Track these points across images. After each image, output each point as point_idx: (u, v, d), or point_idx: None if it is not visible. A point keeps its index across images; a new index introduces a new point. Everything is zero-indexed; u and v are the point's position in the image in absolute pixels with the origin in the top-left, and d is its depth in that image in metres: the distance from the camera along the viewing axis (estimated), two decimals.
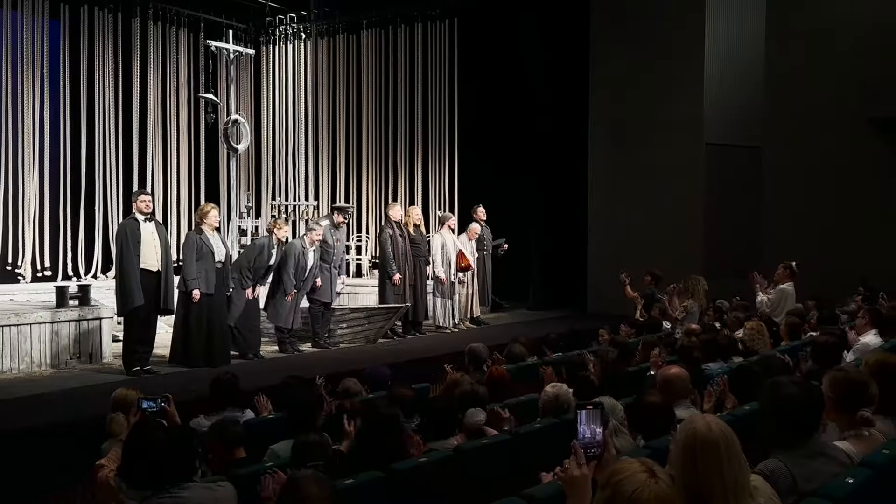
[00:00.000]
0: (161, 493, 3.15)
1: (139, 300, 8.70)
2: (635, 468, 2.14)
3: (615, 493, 2.11)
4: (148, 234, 8.87)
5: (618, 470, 2.18)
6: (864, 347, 6.95)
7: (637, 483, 2.09)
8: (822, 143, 14.63)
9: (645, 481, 2.09)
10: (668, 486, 2.08)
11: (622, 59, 14.66)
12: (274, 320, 10.42)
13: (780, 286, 10.52)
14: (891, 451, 3.05)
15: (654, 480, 2.08)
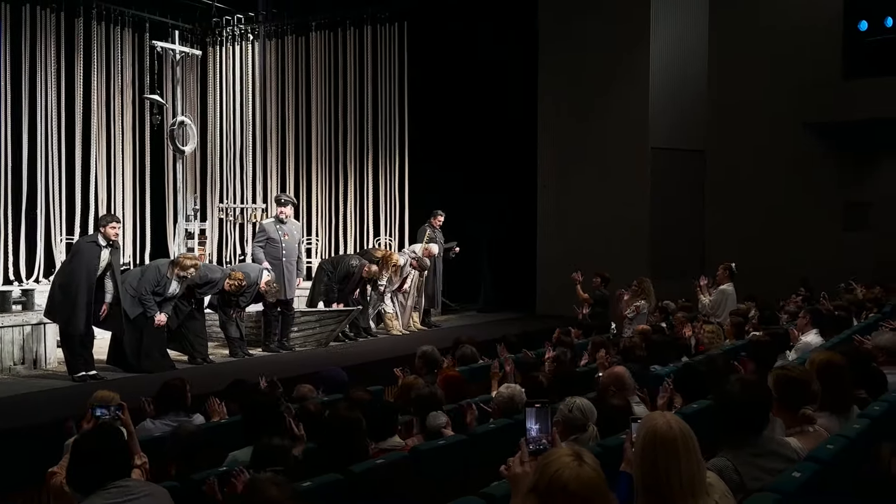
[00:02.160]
0: (106, 487, 3.25)
1: (79, 330, 8.57)
2: (563, 453, 2.22)
3: (542, 474, 2.18)
4: (103, 262, 8.73)
5: (548, 454, 2.26)
6: (805, 346, 7.16)
7: (560, 465, 2.16)
8: (762, 146, 15.06)
9: (568, 463, 2.15)
10: (591, 471, 2.13)
11: (569, 64, 14.85)
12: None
13: (720, 287, 10.78)
14: (835, 446, 3.17)
15: (577, 464, 2.14)
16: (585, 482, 2.12)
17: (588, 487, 2.12)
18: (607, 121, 14.50)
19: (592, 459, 2.18)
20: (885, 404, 4.08)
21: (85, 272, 8.59)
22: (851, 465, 3.39)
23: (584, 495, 2.12)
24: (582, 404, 4.32)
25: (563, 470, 2.15)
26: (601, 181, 14.51)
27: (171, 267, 9.39)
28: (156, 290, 9.21)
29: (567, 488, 2.12)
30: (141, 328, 9.11)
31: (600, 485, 2.14)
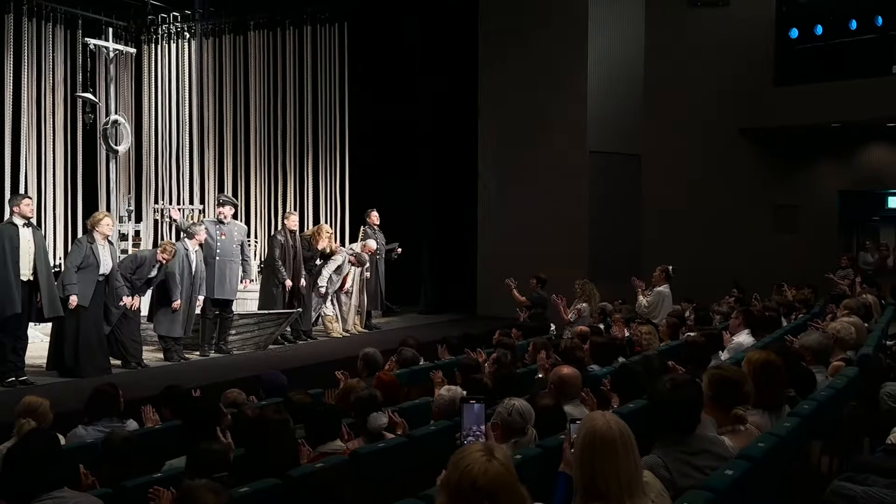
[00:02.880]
0: (40, 499, 3.17)
1: (16, 308, 8.29)
2: (475, 449, 2.24)
3: (453, 469, 2.20)
4: (25, 242, 8.45)
5: (461, 451, 2.27)
6: (737, 347, 7.33)
7: (470, 461, 2.17)
8: (697, 151, 15.41)
9: (478, 459, 2.17)
10: (500, 467, 2.15)
11: (509, 66, 14.95)
12: (160, 331, 10.11)
13: (657, 289, 10.98)
14: (766, 444, 3.24)
15: (487, 459, 2.16)
16: (493, 477, 2.13)
17: (496, 483, 2.13)
18: (546, 124, 14.64)
19: (504, 456, 2.19)
20: (814, 403, 4.20)
21: (9, 255, 8.24)
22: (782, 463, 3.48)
23: (491, 490, 2.13)
24: (521, 407, 4.33)
25: (472, 466, 2.16)
26: (540, 184, 14.63)
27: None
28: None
29: (476, 484, 2.13)
30: (86, 326, 8.92)
31: (509, 480, 2.15)
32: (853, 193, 16.09)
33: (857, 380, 5.35)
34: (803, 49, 15.58)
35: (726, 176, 15.57)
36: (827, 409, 4.38)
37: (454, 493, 2.17)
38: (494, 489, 2.13)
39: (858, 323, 6.46)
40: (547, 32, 14.63)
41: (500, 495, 2.13)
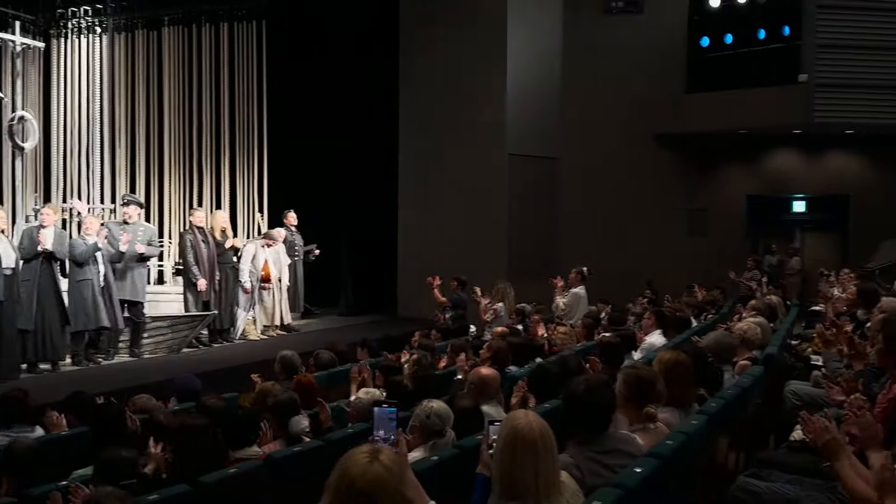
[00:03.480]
0: None
1: None
2: (360, 450, 2.24)
3: (336, 470, 2.21)
4: None
5: (348, 452, 2.27)
6: (650, 347, 7.50)
7: (352, 462, 2.18)
8: (612, 155, 15.76)
9: (359, 461, 2.18)
10: (382, 469, 2.15)
11: (429, 68, 15.00)
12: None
13: (573, 290, 11.16)
14: (675, 442, 3.33)
15: (369, 461, 2.17)
16: (371, 480, 2.13)
17: (374, 485, 2.12)
18: (466, 127, 14.73)
19: (389, 459, 2.19)
20: (721, 401, 4.33)
21: None
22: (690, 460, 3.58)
23: (368, 492, 2.13)
24: (439, 409, 4.34)
25: (352, 467, 2.17)
26: (461, 185, 14.72)
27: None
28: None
29: (354, 485, 2.13)
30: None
31: (389, 483, 2.15)
32: (760, 198, 16.68)
33: (762, 378, 5.53)
34: (714, 57, 16.08)
35: (640, 180, 15.97)
36: (734, 407, 4.52)
37: (335, 494, 2.17)
38: (372, 491, 2.13)
39: (764, 323, 6.69)
40: (466, 35, 14.72)
41: (378, 498, 2.13)
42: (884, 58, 14.15)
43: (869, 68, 14.16)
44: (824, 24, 14.29)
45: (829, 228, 16.79)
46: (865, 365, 5.14)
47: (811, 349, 7.70)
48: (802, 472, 3.68)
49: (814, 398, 5.55)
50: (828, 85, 14.27)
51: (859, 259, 15.22)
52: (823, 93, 14.28)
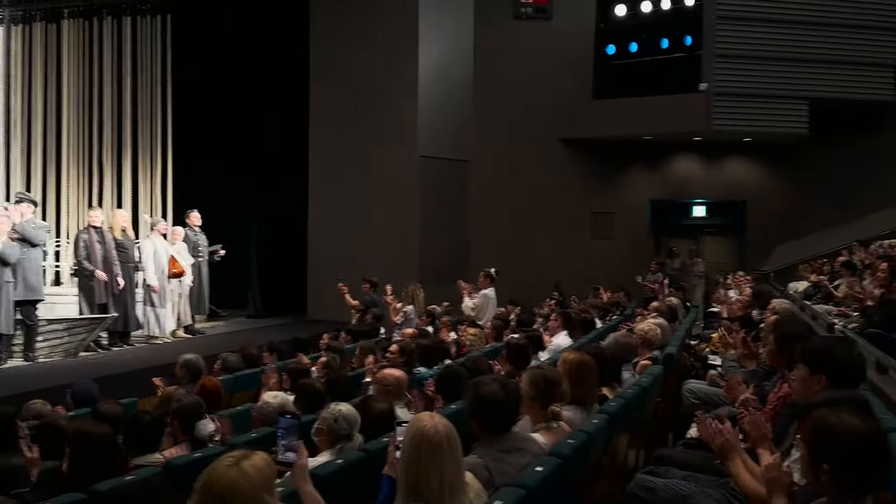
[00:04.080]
0: None
1: None
2: (229, 455, 2.28)
3: (204, 471, 2.25)
4: None
5: (221, 456, 2.30)
6: (556, 347, 7.62)
7: (216, 465, 2.23)
8: (521, 159, 15.99)
9: (220, 464, 2.22)
10: (239, 475, 2.19)
11: (340, 69, 14.89)
12: None
13: (482, 291, 11.26)
14: (576, 441, 3.40)
15: (229, 466, 2.20)
16: (227, 484, 2.17)
17: (229, 490, 2.17)
18: (378, 128, 14.70)
19: (253, 466, 2.21)
20: (621, 400, 4.44)
21: None
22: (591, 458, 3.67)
23: (222, 496, 2.18)
24: (347, 413, 4.30)
25: (213, 471, 2.21)
26: (372, 186, 14.67)
27: None
28: None
29: (210, 489, 2.18)
30: None
31: (243, 489, 2.18)
32: (663, 202, 17.19)
33: (661, 378, 5.70)
34: (619, 64, 16.51)
35: (549, 183, 16.26)
36: (634, 406, 4.64)
37: (197, 495, 2.21)
38: (225, 495, 2.17)
39: (664, 324, 6.88)
40: (378, 38, 14.70)
41: (231, 502, 2.16)
42: (780, 68, 14.77)
43: (766, 78, 14.77)
44: (724, 34, 14.83)
45: (728, 232, 17.43)
46: (758, 365, 5.35)
47: (709, 349, 7.97)
48: (697, 469, 3.81)
49: (710, 397, 5.75)
50: (726, 94, 14.82)
51: (756, 262, 15.88)
52: (722, 101, 14.82)
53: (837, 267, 10.82)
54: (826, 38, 14.78)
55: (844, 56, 14.79)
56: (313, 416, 4.48)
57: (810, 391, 3.28)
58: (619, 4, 16.36)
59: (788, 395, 3.80)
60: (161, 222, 12.22)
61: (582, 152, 16.54)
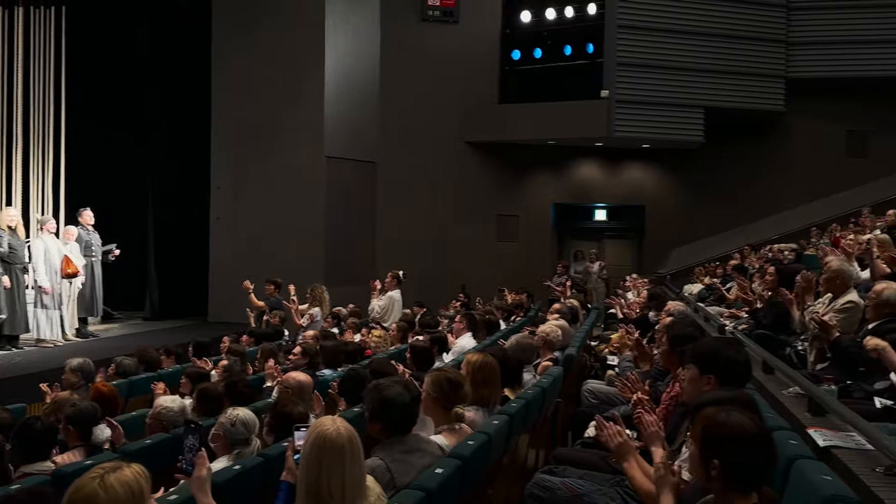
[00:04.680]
0: None
1: None
2: (99, 467, 2.24)
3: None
4: None
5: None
6: (460, 349, 7.68)
7: (80, 478, 2.20)
8: (429, 161, 16.06)
9: (86, 475, 2.19)
10: (99, 487, 2.16)
11: (244, 67, 14.64)
12: None
13: (389, 293, 11.26)
14: (476, 442, 3.43)
15: (92, 478, 2.18)
16: (84, 497, 2.16)
17: (86, 501, 2.15)
18: (283, 128, 14.51)
19: (117, 480, 2.19)
20: (522, 401, 4.51)
21: None
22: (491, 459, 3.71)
23: None
24: (245, 417, 4.24)
25: (77, 483, 2.18)
26: (277, 186, 14.47)
27: None
28: None
29: (69, 500, 2.17)
30: None
31: (101, 501, 2.16)
32: (565, 205, 17.55)
33: (561, 378, 5.82)
34: (525, 70, 16.78)
35: (455, 186, 16.38)
36: (534, 407, 4.72)
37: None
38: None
39: (565, 325, 7.02)
40: (283, 36, 14.51)
41: None
42: (677, 77, 15.30)
43: (664, 87, 15.27)
44: (624, 43, 15.26)
45: (628, 236, 17.93)
46: (652, 365, 5.52)
47: (608, 350, 8.18)
48: (594, 468, 3.90)
49: (608, 396, 5.90)
50: (627, 101, 15.25)
51: (654, 265, 16.38)
52: (623, 108, 15.25)
53: (730, 270, 11.24)
54: (721, 49, 15.40)
55: (738, 67, 15.44)
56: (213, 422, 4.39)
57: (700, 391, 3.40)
58: (524, 11, 16.61)
59: (680, 395, 3.92)
60: (50, 220, 11.72)
61: (487, 155, 16.72)
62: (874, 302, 4.81)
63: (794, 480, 2.63)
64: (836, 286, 5.57)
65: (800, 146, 16.09)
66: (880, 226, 10.68)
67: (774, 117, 15.97)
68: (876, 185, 15.26)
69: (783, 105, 15.81)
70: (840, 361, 4.79)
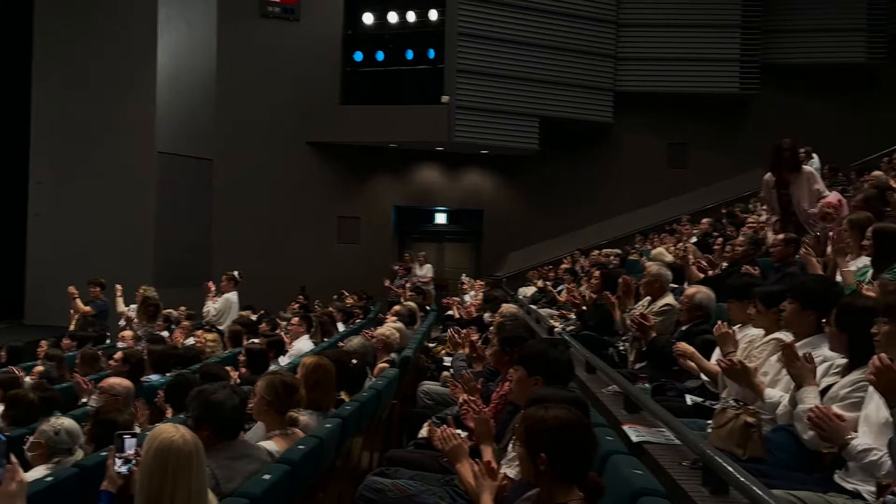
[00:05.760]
0: None
1: None
2: None
3: None
4: None
5: None
6: (298, 352, 7.59)
7: None
8: (268, 160, 15.78)
9: None
10: None
11: (71, 55, 13.91)
12: None
13: (225, 295, 10.95)
14: (306, 446, 3.40)
15: None
16: None
17: None
18: (111, 123, 13.87)
19: None
20: (356, 403, 4.51)
21: None
22: (323, 462, 3.69)
23: None
24: (70, 427, 4.04)
25: None
26: (104, 182, 13.81)
27: None
28: None
29: None
30: None
31: None
32: (406, 208, 17.71)
33: (397, 380, 5.86)
34: (367, 72, 16.80)
35: (296, 186, 16.16)
36: (369, 409, 4.73)
37: None
38: None
39: (402, 328, 7.10)
40: (113, 26, 13.88)
41: None
42: (515, 86, 15.80)
43: (502, 95, 15.73)
44: (465, 51, 15.59)
45: (467, 239, 18.31)
46: (484, 366, 5.67)
47: (444, 351, 8.32)
48: (426, 468, 3.96)
49: (443, 397, 6.01)
50: (466, 107, 15.60)
51: (491, 268, 16.81)
52: (463, 114, 15.58)
53: (561, 273, 11.71)
54: (555, 61, 16.04)
55: (571, 79, 16.14)
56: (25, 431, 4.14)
57: (528, 391, 3.52)
58: (366, 12, 16.62)
59: (509, 394, 4.05)
60: None
61: (329, 156, 16.61)
62: (686, 305, 5.15)
63: (609, 475, 2.78)
64: (654, 289, 5.91)
65: (626, 156, 17.00)
66: (696, 233, 11.45)
67: (604, 128, 16.80)
68: (694, 195, 16.35)
69: (611, 117, 16.66)
70: (656, 360, 5.09)
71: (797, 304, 3.57)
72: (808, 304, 3.54)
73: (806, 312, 3.54)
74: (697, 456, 3.21)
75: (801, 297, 3.58)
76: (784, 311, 3.67)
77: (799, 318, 3.56)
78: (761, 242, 7.00)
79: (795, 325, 3.59)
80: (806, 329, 3.55)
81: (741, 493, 2.67)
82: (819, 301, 3.49)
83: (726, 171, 16.40)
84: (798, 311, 3.56)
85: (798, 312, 3.56)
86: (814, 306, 3.51)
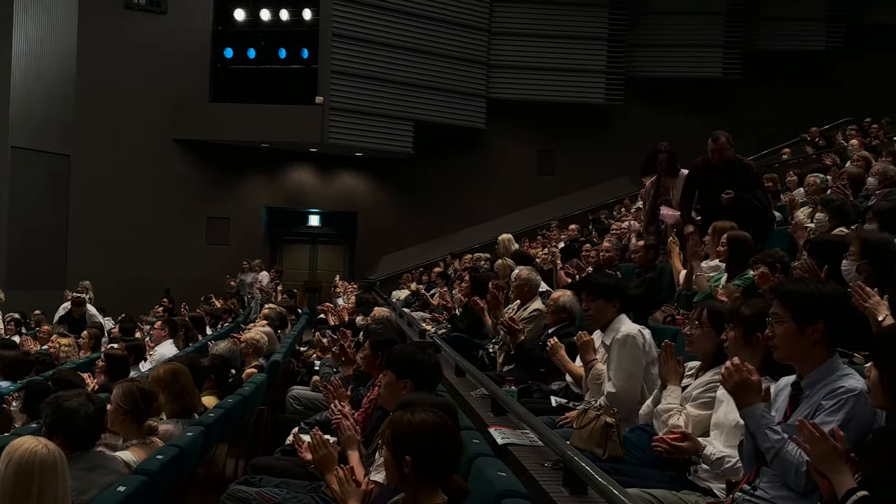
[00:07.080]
0: None
1: None
2: None
3: None
4: None
5: None
6: (160, 357, 7.31)
7: None
8: (132, 158, 15.18)
9: None
10: None
11: None
12: None
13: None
14: (165, 456, 3.28)
15: None
16: None
17: None
18: None
19: None
20: (220, 410, 4.38)
21: None
22: (184, 472, 3.57)
23: None
24: None
25: None
26: None
27: None
28: None
29: None
30: None
31: None
32: (278, 210, 17.41)
33: (265, 385, 5.74)
34: (238, 69, 16.41)
35: (161, 184, 15.60)
36: (234, 415, 4.61)
37: None
38: None
39: (270, 332, 6.96)
40: None
41: None
42: (389, 90, 15.83)
43: (377, 98, 15.72)
44: (339, 52, 15.48)
45: (341, 242, 18.18)
46: (354, 370, 5.63)
47: (316, 355, 8.22)
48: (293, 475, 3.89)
49: (313, 402, 5.93)
50: (341, 109, 15.49)
51: (365, 271, 16.75)
52: (337, 116, 15.47)
53: (434, 277, 11.80)
54: (430, 66, 16.18)
55: (445, 84, 16.31)
56: None
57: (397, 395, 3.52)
58: (237, 9, 16.24)
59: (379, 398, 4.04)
60: None
61: (198, 155, 16.13)
62: (552, 308, 5.29)
63: (474, 477, 2.81)
64: (524, 293, 6.03)
65: (497, 162, 17.32)
66: (564, 238, 11.79)
67: (477, 134, 17.05)
68: (562, 201, 16.83)
69: (484, 123, 16.93)
70: (524, 363, 5.21)
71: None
72: None
73: None
74: (559, 457, 3.29)
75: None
76: None
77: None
78: (626, 248, 7.28)
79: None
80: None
81: (598, 493, 2.76)
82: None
83: (592, 178, 16.97)
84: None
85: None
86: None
